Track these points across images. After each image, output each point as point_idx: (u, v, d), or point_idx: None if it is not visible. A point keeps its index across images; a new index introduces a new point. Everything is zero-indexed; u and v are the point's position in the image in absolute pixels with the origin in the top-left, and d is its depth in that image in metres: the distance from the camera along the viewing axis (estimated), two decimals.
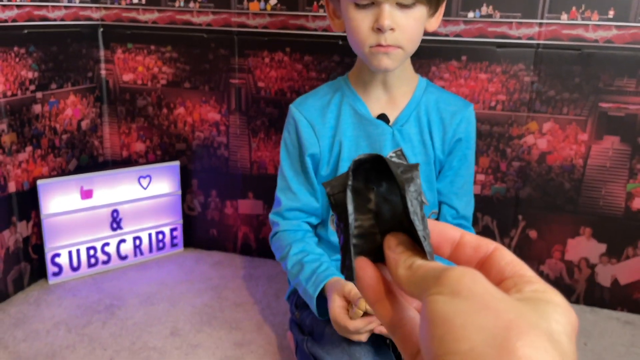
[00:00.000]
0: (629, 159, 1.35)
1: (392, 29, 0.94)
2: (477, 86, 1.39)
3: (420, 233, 0.29)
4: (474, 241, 0.31)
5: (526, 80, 1.36)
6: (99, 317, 1.33)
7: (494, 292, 0.25)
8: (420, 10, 0.97)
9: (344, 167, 1.10)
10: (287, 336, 1.25)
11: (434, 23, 1.04)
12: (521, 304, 0.25)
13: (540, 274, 1.46)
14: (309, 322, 1.10)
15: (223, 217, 1.68)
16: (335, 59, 1.46)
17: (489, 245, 0.30)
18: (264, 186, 1.60)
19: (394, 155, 0.33)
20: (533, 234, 1.45)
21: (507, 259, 0.29)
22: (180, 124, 1.63)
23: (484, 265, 0.30)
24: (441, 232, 0.31)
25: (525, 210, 1.44)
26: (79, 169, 1.60)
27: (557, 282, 1.46)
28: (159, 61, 1.60)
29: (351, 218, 0.31)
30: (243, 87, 1.55)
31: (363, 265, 0.31)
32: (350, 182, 0.31)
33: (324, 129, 1.10)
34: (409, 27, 0.96)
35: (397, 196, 0.30)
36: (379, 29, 0.94)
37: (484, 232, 1.48)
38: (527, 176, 1.42)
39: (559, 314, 0.25)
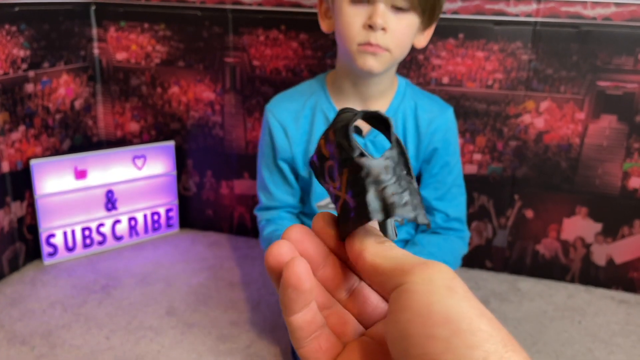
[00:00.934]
0: (626, 138, 1.34)
1: (383, 29, 0.94)
2: (474, 64, 1.38)
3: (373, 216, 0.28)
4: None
5: (524, 58, 1.35)
6: (94, 297, 1.33)
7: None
8: (413, 18, 0.96)
9: None
10: (283, 316, 1.25)
11: (423, 40, 1.05)
12: None
13: (536, 253, 1.47)
14: None
15: (219, 198, 1.67)
16: (331, 37, 1.44)
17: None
18: None
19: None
20: (529, 213, 1.45)
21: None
22: (174, 104, 1.62)
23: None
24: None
25: (522, 190, 1.44)
26: (73, 149, 1.59)
27: (552, 262, 1.47)
28: (152, 39, 1.58)
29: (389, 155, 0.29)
30: (238, 65, 1.53)
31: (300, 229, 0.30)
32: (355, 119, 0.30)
33: (297, 133, 1.10)
34: (399, 31, 0.95)
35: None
36: (370, 27, 0.93)
37: (480, 211, 1.48)
38: (523, 156, 1.41)
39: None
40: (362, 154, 0.29)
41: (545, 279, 1.49)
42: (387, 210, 0.27)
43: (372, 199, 0.27)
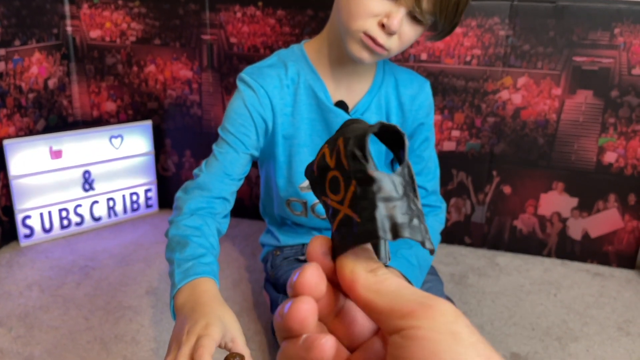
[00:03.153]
0: (601, 113, 1.35)
1: (394, 34, 0.89)
2: (452, 40, 1.37)
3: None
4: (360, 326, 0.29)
5: (501, 34, 1.35)
6: (73, 278, 1.32)
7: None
8: (422, 29, 0.93)
9: (300, 151, 1.04)
10: (263, 294, 1.26)
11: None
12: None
13: (514, 229, 1.49)
14: (282, 281, 1.10)
15: None
16: (308, 13, 1.42)
17: (373, 339, 0.28)
18: None
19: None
20: (507, 189, 1.47)
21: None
22: (151, 82, 1.59)
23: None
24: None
25: (500, 166, 1.45)
26: (48, 130, 1.56)
27: (529, 237, 1.49)
28: (127, 17, 1.55)
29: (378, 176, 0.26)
30: (215, 43, 1.51)
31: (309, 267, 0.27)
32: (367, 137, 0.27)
33: (281, 104, 1.01)
34: (406, 37, 0.91)
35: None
36: (383, 26, 0.87)
37: (459, 188, 1.49)
38: (501, 132, 1.42)
39: None
40: (375, 168, 0.27)
41: (522, 254, 1.51)
42: (396, 230, 0.25)
43: (381, 217, 0.25)
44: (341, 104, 1.04)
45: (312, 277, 0.26)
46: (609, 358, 1.11)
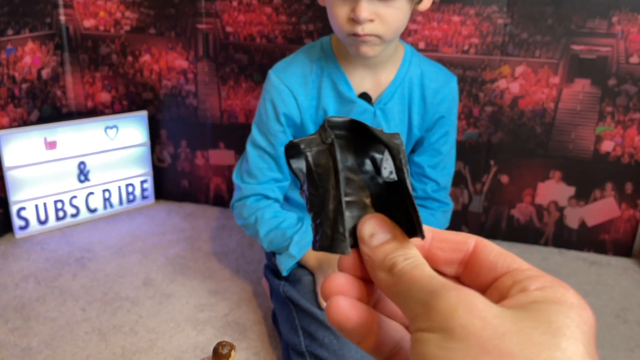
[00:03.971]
0: (598, 102, 1.35)
1: (370, 20, 0.90)
2: (450, 29, 1.37)
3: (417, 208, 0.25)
4: (450, 237, 0.27)
5: (499, 22, 1.34)
6: (69, 269, 1.31)
7: (495, 324, 0.20)
8: (403, 2, 0.92)
9: None
10: (262, 283, 1.26)
11: (426, 3, 0.98)
12: (532, 329, 0.20)
13: (511, 218, 1.49)
14: None
15: (194, 168, 1.65)
16: (305, 2, 1.41)
17: (468, 239, 0.26)
18: (235, 136, 1.57)
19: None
20: (504, 178, 1.46)
21: (494, 251, 0.25)
22: (146, 73, 1.58)
23: (469, 264, 0.26)
24: (454, 243, 0.27)
25: (497, 155, 1.45)
26: (42, 120, 1.54)
27: (527, 226, 1.49)
28: (121, 5, 1.53)
29: (342, 176, 0.26)
30: (210, 32, 1.49)
31: (341, 311, 0.25)
32: (332, 137, 0.26)
33: (306, 99, 1.05)
34: (389, 16, 0.91)
35: (370, 168, 0.27)
36: (354, 20, 0.90)
37: (457, 177, 1.49)
38: (499, 121, 1.42)
39: (579, 326, 0.21)
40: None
41: (519, 243, 1.51)
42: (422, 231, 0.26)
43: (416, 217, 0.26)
44: (364, 95, 1.05)
45: (337, 287, 0.26)
46: (606, 345, 1.11)
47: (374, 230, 0.26)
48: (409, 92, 1.07)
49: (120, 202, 1.60)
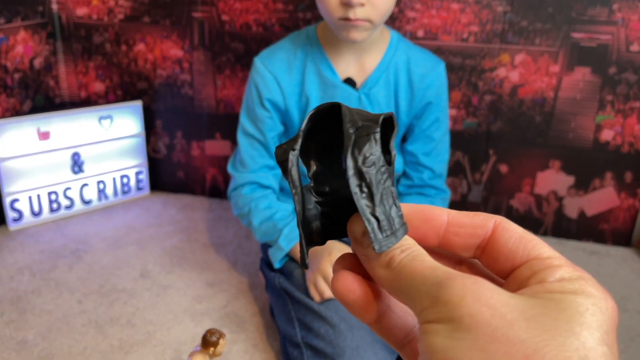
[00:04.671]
0: (599, 90, 1.34)
1: (361, 4, 0.91)
2: (449, 17, 1.35)
3: (367, 215, 0.22)
4: (467, 221, 0.25)
5: (499, 10, 1.33)
6: (64, 261, 1.29)
7: (504, 312, 0.19)
8: None
9: None
10: (259, 275, 1.24)
11: None
12: (543, 316, 0.19)
13: (510, 208, 1.48)
14: None
15: (190, 159, 1.63)
16: None
17: (487, 222, 0.24)
18: (231, 126, 1.54)
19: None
20: (504, 168, 1.46)
21: (514, 236, 0.24)
22: (140, 62, 1.55)
23: (486, 250, 0.24)
24: (423, 217, 0.25)
25: (496, 145, 1.44)
26: (35, 111, 1.52)
27: (526, 216, 1.48)
28: None
29: (296, 192, 0.24)
30: (206, 20, 1.47)
31: (346, 284, 0.24)
32: (297, 147, 0.24)
33: (290, 85, 1.06)
34: (379, 1, 0.92)
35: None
36: (346, 4, 0.91)
37: (456, 167, 1.48)
38: (498, 110, 1.40)
39: (594, 314, 0.20)
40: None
41: None
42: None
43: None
44: (349, 80, 1.06)
45: (344, 290, 0.25)
46: None
47: (365, 228, 0.24)
48: (395, 77, 1.06)
49: (115, 194, 1.58)
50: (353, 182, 0.22)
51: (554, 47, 1.33)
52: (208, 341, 0.68)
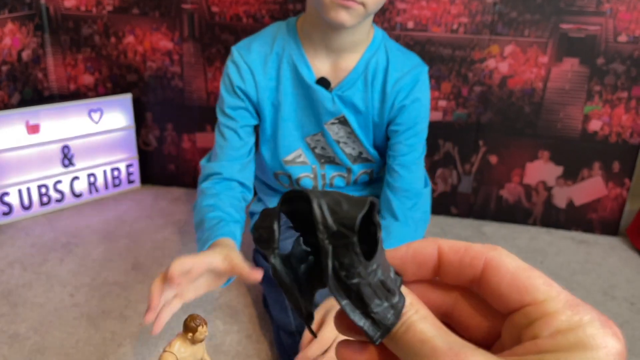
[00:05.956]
0: (587, 80, 1.36)
1: None
2: (439, 8, 1.35)
3: (361, 322, 0.21)
4: (456, 260, 0.23)
5: (489, 1, 1.33)
6: (55, 255, 1.29)
7: None
8: None
9: (285, 126, 1.05)
10: (252, 265, 1.25)
11: None
12: None
13: (500, 198, 1.49)
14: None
15: (181, 152, 1.63)
16: None
17: (477, 261, 0.23)
18: None
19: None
20: (493, 159, 1.47)
21: (506, 278, 0.22)
22: (130, 54, 1.54)
23: (481, 288, 0.23)
24: (417, 262, 0.24)
25: (486, 136, 1.45)
26: (23, 104, 1.50)
27: (515, 206, 1.50)
28: None
29: (287, 291, 0.23)
30: (196, 12, 1.46)
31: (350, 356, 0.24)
32: (276, 251, 0.23)
33: (264, 79, 1.02)
34: None
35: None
36: None
37: (445, 158, 1.49)
38: (488, 101, 1.41)
39: None
40: None
41: (508, 223, 1.52)
42: None
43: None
44: (323, 81, 1.02)
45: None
46: None
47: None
48: (372, 79, 1.02)
49: (106, 187, 1.58)
50: (340, 298, 0.21)
51: (543, 38, 1.34)
52: (188, 326, 0.70)
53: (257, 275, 0.81)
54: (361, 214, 0.20)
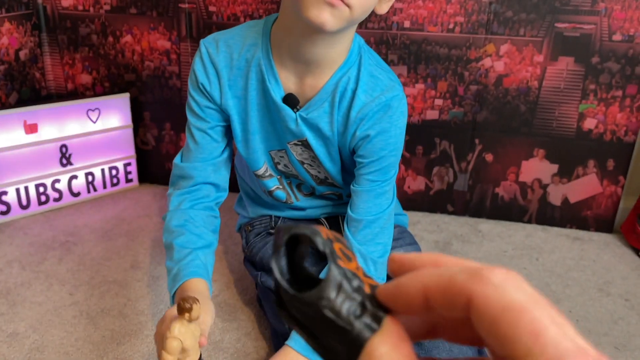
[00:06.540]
0: (582, 79, 1.37)
1: None
2: (435, 7, 1.36)
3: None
4: (439, 294, 0.20)
5: (484, 0, 1.34)
6: (54, 253, 1.29)
7: None
8: None
9: (253, 139, 0.96)
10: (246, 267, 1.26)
11: (385, 6, 0.87)
12: None
13: (496, 196, 1.50)
14: (258, 259, 1.09)
15: (178, 151, 1.63)
16: None
17: (458, 296, 0.19)
18: None
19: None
20: (489, 157, 1.48)
21: (486, 322, 0.18)
22: (128, 54, 1.55)
23: (470, 320, 0.20)
24: (399, 293, 0.22)
25: (482, 134, 1.46)
26: (21, 103, 1.51)
27: (511, 204, 1.51)
28: None
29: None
30: (193, 11, 1.47)
31: None
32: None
33: (229, 84, 0.92)
34: None
35: None
36: None
37: (442, 157, 1.50)
38: (484, 100, 1.42)
39: None
40: None
41: (504, 221, 1.53)
42: None
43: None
44: (290, 98, 0.91)
45: None
46: (590, 318, 1.14)
47: None
48: (339, 100, 0.90)
49: (104, 186, 1.58)
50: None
51: (539, 36, 1.35)
52: (183, 308, 0.72)
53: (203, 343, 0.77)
54: (277, 259, 0.23)
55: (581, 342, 0.18)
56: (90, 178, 1.55)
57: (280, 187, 1.06)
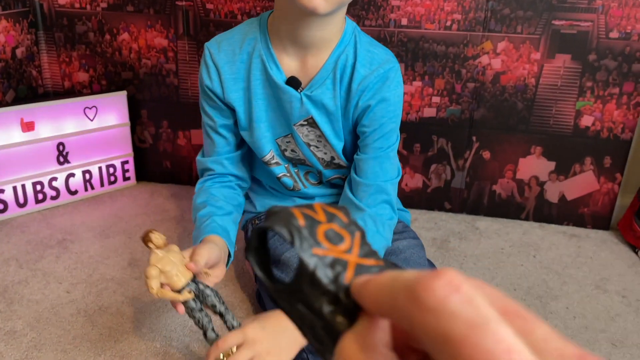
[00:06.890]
0: (579, 77, 1.37)
1: None
2: (433, 5, 1.36)
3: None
4: (386, 305, 0.19)
5: None
6: (51, 251, 1.29)
7: None
8: None
9: (259, 127, 1.01)
10: (246, 263, 1.26)
11: None
12: None
13: (493, 193, 1.51)
14: None
15: (176, 149, 1.63)
16: None
17: (398, 312, 0.18)
18: None
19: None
20: (486, 154, 1.48)
21: None
22: (125, 51, 1.55)
23: None
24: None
25: (479, 132, 1.46)
26: (17, 101, 1.50)
27: (508, 201, 1.51)
28: None
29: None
30: (191, 9, 1.47)
31: None
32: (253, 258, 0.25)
33: (232, 78, 0.98)
34: None
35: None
36: None
37: (439, 154, 1.50)
38: (481, 97, 1.43)
39: None
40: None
41: (501, 218, 1.53)
42: None
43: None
44: (293, 80, 0.96)
45: None
46: (588, 315, 1.14)
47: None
48: (340, 76, 0.96)
49: (102, 184, 1.58)
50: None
51: (536, 34, 1.35)
52: (145, 240, 0.79)
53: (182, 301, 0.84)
54: (252, 256, 0.25)
55: None
56: (87, 176, 1.54)
57: (288, 174, 1.10)
